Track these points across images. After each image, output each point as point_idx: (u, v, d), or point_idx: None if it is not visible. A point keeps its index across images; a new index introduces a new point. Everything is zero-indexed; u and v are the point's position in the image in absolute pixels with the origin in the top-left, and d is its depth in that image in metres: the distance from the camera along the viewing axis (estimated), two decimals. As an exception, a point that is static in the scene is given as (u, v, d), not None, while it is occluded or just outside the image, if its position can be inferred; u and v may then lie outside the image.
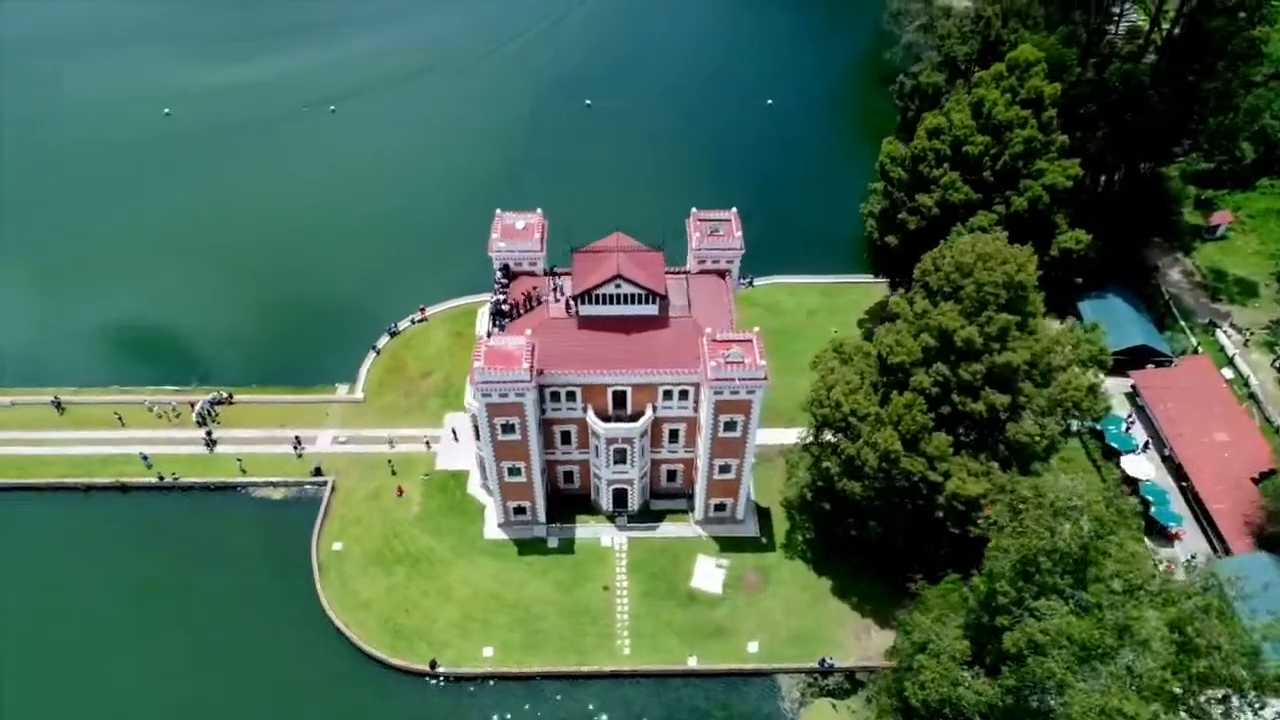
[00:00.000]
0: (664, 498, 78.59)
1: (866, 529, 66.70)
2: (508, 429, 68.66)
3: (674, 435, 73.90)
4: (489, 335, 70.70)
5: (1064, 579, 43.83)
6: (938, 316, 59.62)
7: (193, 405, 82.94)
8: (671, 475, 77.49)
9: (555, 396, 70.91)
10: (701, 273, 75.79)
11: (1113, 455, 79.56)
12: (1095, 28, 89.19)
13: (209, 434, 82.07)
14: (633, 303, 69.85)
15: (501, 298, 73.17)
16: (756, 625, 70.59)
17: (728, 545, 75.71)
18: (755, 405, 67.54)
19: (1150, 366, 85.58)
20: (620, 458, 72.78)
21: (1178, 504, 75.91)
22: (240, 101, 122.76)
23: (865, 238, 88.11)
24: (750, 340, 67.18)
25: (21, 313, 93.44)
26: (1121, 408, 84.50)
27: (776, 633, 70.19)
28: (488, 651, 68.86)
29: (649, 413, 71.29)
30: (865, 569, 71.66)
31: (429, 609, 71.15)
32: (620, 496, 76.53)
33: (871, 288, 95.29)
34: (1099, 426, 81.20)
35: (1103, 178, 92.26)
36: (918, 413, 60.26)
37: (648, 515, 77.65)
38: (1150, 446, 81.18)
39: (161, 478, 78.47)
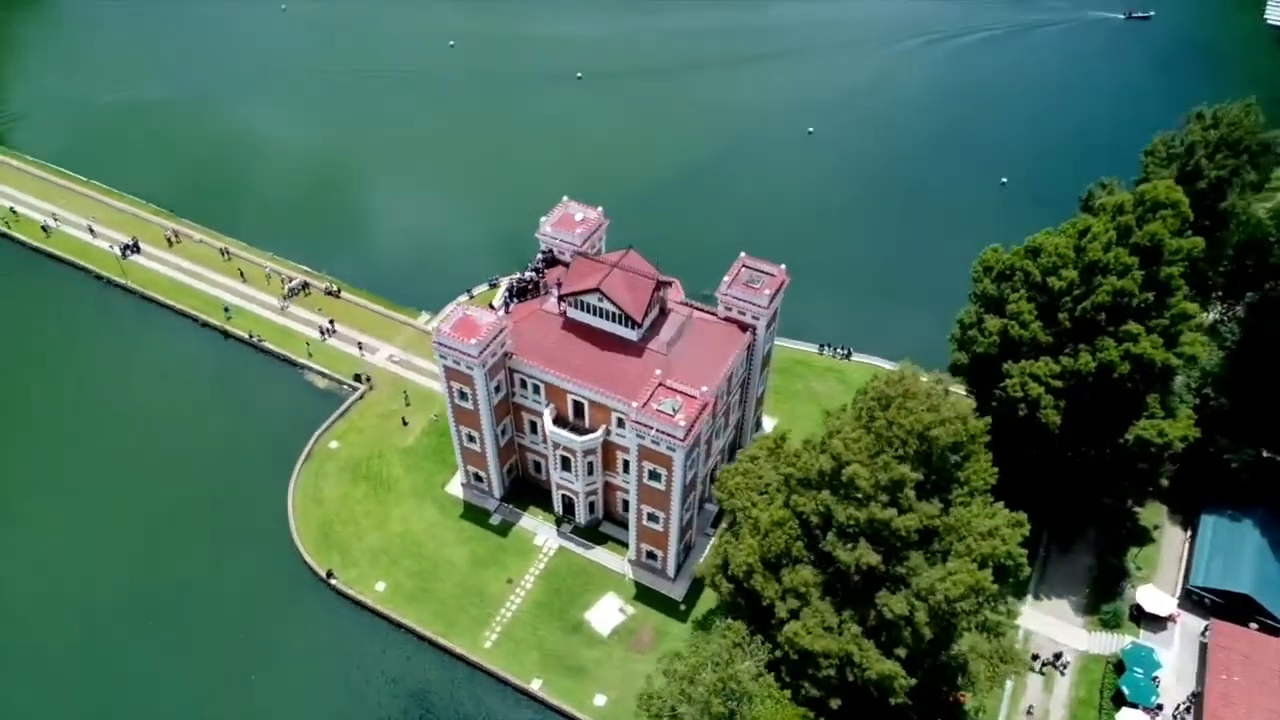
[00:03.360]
0: (619, 525, 76.59)
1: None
2: (462, 395, 71.20)
3: (627, 465, 71.53)
4: (491, 305, 73.67)
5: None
6: (838, 439, 51.89)
7: (288, 280, 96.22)
8: (627, 505, 75.16)
9: (524, 384, 72.03)
10: (726, 319, 71.95)
11: (1123, 700, 63.65)
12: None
13: (331, 322, 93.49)
14: (612, 320, 68.62)
15: (529, 276, 75.32)
16: (616, 681, 67.28)
17: (645, 596, 72.40)
18: (677, 464, 63.53)
19: (1252, 626, 66.42)
20: (565, 465, 72.32)
21: (1163, 796, 59.25)
22: (514, 50, 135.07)
23: (953, 346, 77.21)
24: (696, 398, 63.11)
25: (248, 175, 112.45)
26: (1186, 659, 66.93)
27: (629, 698, 66.19)
28: (380, 586, 72.92)
29: (600, 432, 69.87)
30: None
31: (361, 529, 76.61)
32: (568, 504, 76.04)
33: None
34: (1123, 658, 65.44)
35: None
36: (785, 535, 53.27)
37: (592, 534, 76.37)
38: (1183, 719, 63.60)
39: (251, 335, 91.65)
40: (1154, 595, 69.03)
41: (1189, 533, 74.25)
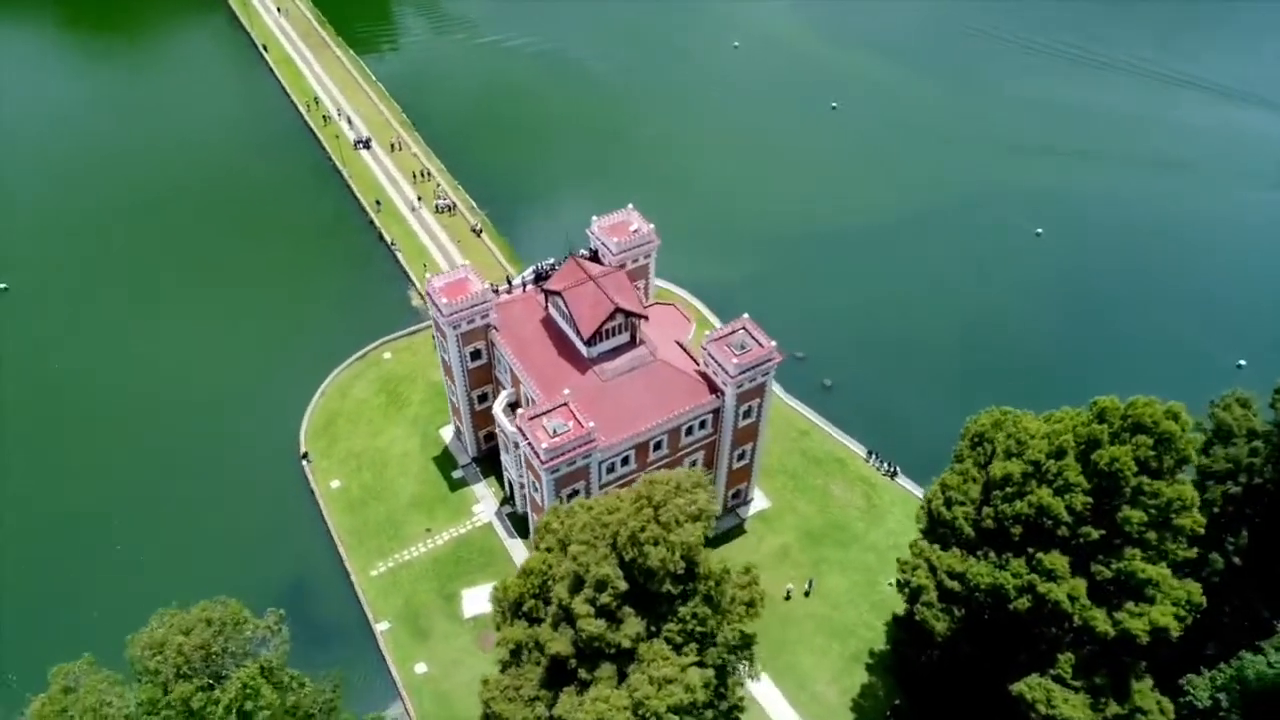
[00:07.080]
0: (552, 529, 76.18)
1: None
2: (443, 349, 74.94)
3: (556, 472, 70.98)
4: (509, 283, 76.76)
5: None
6: (602, 507, 47.85)
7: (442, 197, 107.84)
8: (557, 512, 74.48)
9: (499, 361, 73.92)
10: (700, 374, 67.92)
11: None
12: None
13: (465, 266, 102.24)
14: (572, 329, 67.86)
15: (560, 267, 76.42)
16: (443, 659, 68.92)
17: (524, 602, 71.69)
18: (545, 485, 62.27)
19: None
20: (506, 449, 73.36)
21: None
22: (791, 62, 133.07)
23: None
24: (585, 433, 60.99)
25: (496, 113, 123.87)
26: None
27: (444, 678, 67.40)
28: (334, 484, 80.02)
29: (533, 431, 69.92)
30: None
31: (357, 432, 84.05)
32: (512, 488, 77.02)
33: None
34: None
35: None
36: (523, 586, 50.51)
37: (524, 525, 76.75)
38: None
39: (392, 243, 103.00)
40: None
41: None
